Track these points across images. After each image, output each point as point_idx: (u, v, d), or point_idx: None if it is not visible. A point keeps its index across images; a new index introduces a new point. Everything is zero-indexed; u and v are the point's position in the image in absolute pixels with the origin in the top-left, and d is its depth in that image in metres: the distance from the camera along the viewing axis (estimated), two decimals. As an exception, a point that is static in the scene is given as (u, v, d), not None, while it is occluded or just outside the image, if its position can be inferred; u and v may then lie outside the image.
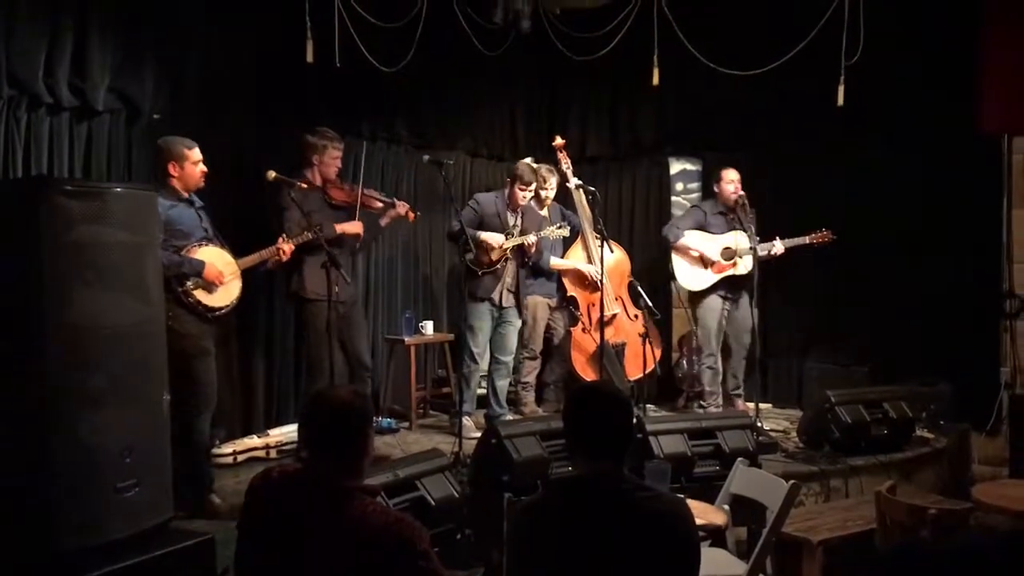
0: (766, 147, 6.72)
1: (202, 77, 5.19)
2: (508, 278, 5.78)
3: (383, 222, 5.43)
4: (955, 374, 5.98)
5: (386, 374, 6.27)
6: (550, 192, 6.10)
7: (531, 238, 5.68)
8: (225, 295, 4.36)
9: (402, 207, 5.35)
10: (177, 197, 4.32)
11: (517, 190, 5.69)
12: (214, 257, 4.33)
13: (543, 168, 6.16)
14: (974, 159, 6.04)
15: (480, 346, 5.75)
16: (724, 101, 6.66)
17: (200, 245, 4.32)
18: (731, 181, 6.01)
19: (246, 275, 4.53)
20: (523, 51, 6.55)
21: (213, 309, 4.31)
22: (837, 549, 4.16)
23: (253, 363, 5.57)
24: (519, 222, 5.78)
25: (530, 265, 5.96)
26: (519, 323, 5.93)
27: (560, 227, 5.84)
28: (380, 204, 5.34)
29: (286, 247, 4.68)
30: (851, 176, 6.44)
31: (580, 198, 6.28)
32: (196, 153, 4.36)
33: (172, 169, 4.31)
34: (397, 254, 6.62)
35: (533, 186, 5.77)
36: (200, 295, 4.26)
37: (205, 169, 4.39)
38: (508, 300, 5.80)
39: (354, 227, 5.16)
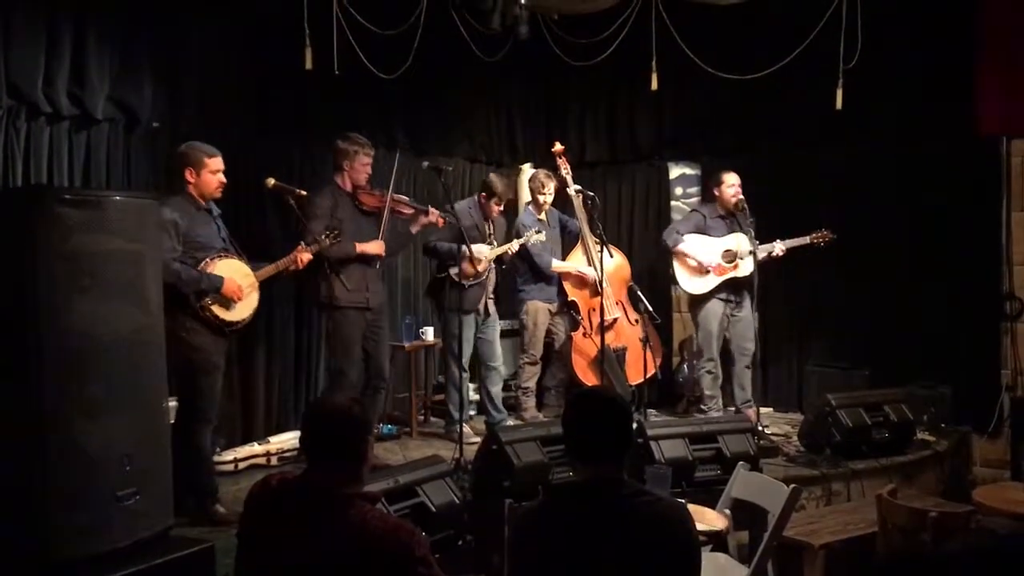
0: (765, 151, 6.72)
1: (200, 85, 5.20)
2: (490, 287, 5.86)
3: (413, 229, 5.37)
4: (956, 377, 5.98)
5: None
6: (548, 197, 6.13)
7: (514, 246, 5.77)
8: (243, 309, 4.33)
9: (433, 214, 5.27)
10: (195, 206, 4.28)
11: (493, 205, 5.77)
12: (233, 270, 4.29)
13: (541, 173, 6.20)
14: (973, 162, 6.04)
15: (467, 355, 5.77)
16: (723, 105, 6.67)
17: (219, 258, 4.27)
18: (731, 185, 5.99)
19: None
20: (521, 57, 6.54)
21: (230, 324, 4.28)
22: (838, 553, 4.15)
23: (254, 370, 5.57)
24: (492, 230, 5.87)
25: (531, 270, 6.04)
26: (499, 326, 6.00)
27: (537, 231, 5.92)
28: (411, 211, 5.28)
29: (304, 256, 4.60)
30: (850, 179, 6.43)
31: (579, 203, 6.29)
32: (216, 162, 4.32)
33: (189, 175, 4.26)
34: (397, 260, 6.62)
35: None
36: (217, 310, 4.22)
37: (224, 180, 4.36)
38: (491, 308, 5.90)
39: (374, 247, 5.07)
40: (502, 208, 5.88)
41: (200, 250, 4.24)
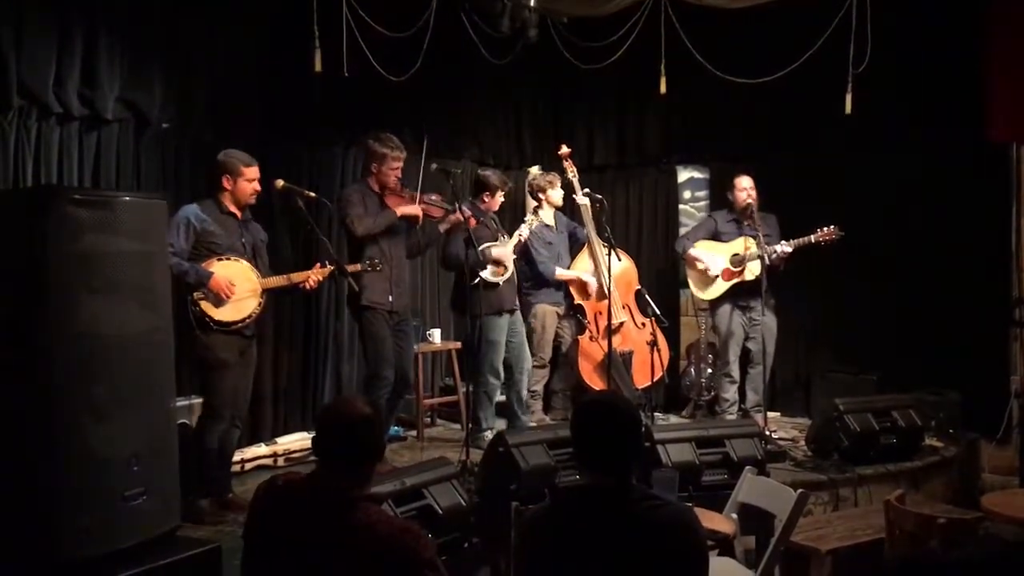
0: (773, 155, 6.71)
1: (210, 86, 5.22)
2: (516, 281, 5.81)
3: (442, 228, 5.37)
4: (964, 382, 5.94)
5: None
6: (555, 192, 6.15)
7: (524, 231, 5.74)
8: (234, 310, 4.33)
9: (459, 213, 5.21)
10: (221, 210, 4.39)
11: (498, 199, 5.78)
12: (233, 272, 4.32)
13: (543, 176, 6.27)
14: (982, 167, 6.02)
15: (501, 359, 5.70)
16: (731, 109, 6.66)
17: (225, 259, 4.32)
18: (743, 189, 6.00)
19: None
20: (530, 60, 6.56)
21: (219, 323, 4.29)
22: (846, 558, 4.13)
23: (261, 372, 5.55)
24: (498, 225, 5.87)
25: (533, 276, 6.04)
26: (524, 327, 5.96)
27: (534, 213, 5.96)
28: (440, 212, 5.28)
29: (315, 278, 4.58)
30: (859, 184, 6.41)
31: (586, 207, 6.27)
32: (252, 171, 4.42)
33: (226, 183, 4.39)
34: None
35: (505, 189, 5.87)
36: (205, 306, 4.25)
37: (258, 188, 4.45)
38: (518, 303, 5.85)
39: (413, 209, 5.09)
40: (503, 199, 5.88)
41: (214, 252, 4.31)
